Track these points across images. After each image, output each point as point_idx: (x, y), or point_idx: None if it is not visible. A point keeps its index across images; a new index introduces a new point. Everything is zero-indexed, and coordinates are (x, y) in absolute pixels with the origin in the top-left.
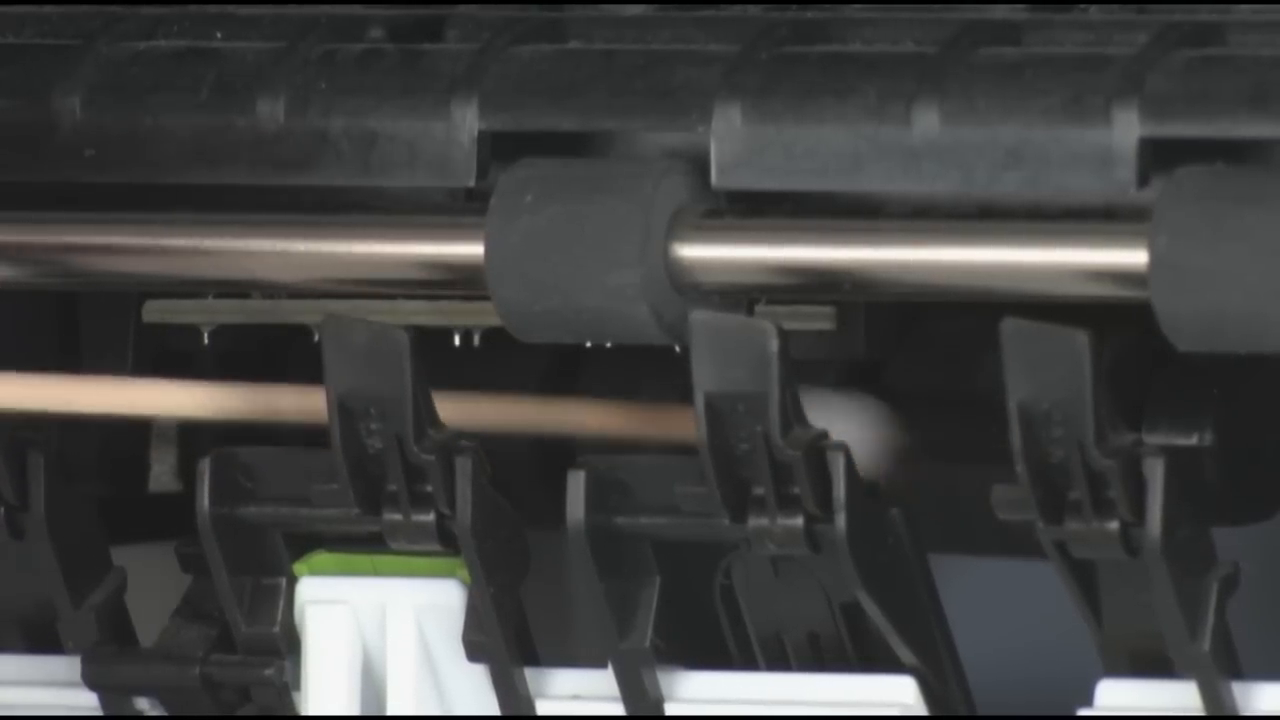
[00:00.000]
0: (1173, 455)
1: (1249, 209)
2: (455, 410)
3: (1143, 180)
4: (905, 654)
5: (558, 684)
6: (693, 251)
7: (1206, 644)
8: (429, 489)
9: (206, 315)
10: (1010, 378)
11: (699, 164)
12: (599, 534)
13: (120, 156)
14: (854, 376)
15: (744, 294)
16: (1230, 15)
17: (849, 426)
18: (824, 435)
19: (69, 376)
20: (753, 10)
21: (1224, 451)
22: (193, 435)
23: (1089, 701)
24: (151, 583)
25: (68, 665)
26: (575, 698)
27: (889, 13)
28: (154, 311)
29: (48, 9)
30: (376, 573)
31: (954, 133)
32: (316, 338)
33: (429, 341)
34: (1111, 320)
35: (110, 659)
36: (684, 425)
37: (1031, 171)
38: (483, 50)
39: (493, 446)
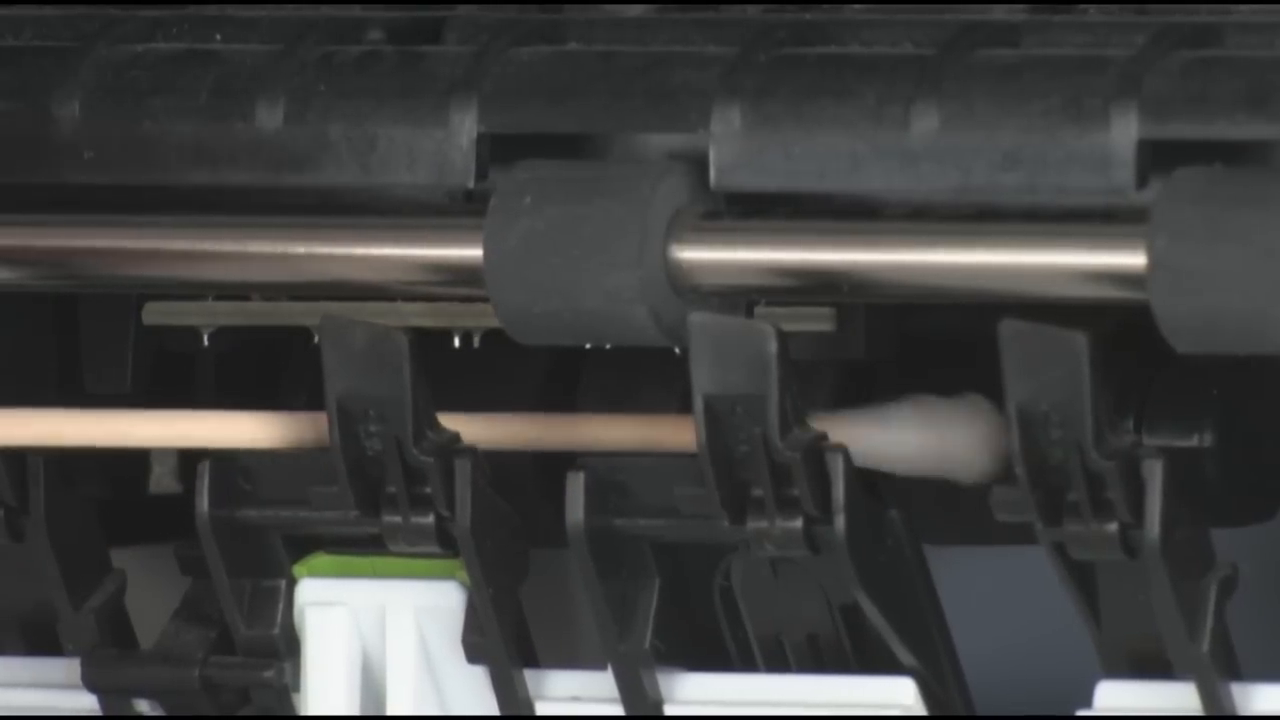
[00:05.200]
0: (1172, 456)
1: (1247, 210)
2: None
3: (1141, 182)
4: (904, 655)
5: (557, 685)
6: (691, 253)
7: (1205, 645)
8: (428, 491)
9: (206, 317)
10: (1009, 379)
11: (698, 166)
12: (598, 536)
13: (120, 159)
14: (853, 378)
15: (743, 296)
16: (1228, 17)
17: None
18: (823, 437)
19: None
20: (752, 12)
21: (1223, 453)
22: None
23: (1088, 702)
24: (151, 585)
25: (67, 667)
26: (574, 699)
27: (888, 14)
28: (154, 313)
29: (47, 11)
30: (376, 574)
31: (952, 134)
32: (316, 340)
33: (428, 343)
34: (1110, 322)
35: (110, 661)
36: (685, 434)
37: (1030, 173)
38: (481, 52)
39: (493, 449)
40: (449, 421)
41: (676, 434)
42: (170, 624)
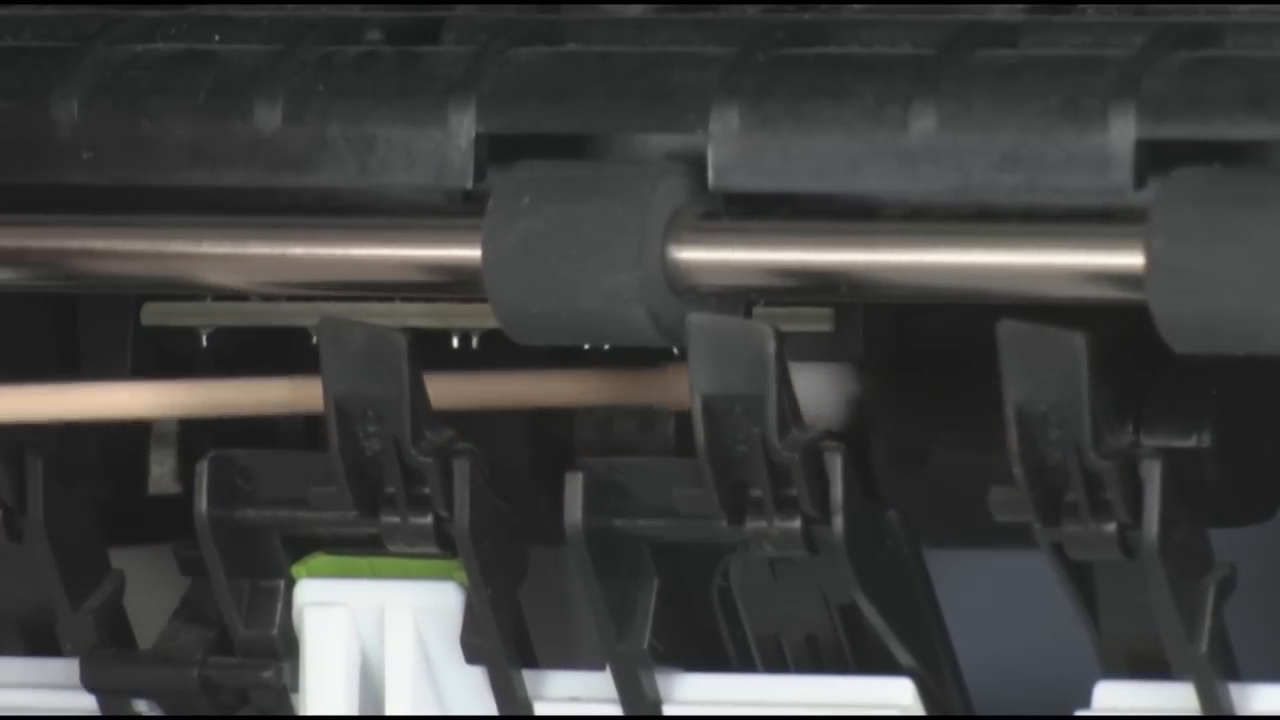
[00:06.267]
0: (1170, 457)
1: (1246, 210)
2: (446, 391)
3: (1139, 182)
4: (903, 655)
5: (556, 686)
6: (690, 254)
7: (1204, 645)
8: (427, 491)
9: (205, 318)
10: (1007, 379)
11: (696, 166)
12: (597, 536)
13: (118, 159)
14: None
15: (742, 296)
16: (1227, 17)
17: None
18: (821, 437)
19: (65, 385)
20: (750, 12)
21: (1221, 453)
22: (192, 437)
23: (1087, 702)
24: (150, 585)
25: (66, 668)
26: (573, 699)
27: (886, 15)
28: (152, 314)
29: (46, 11)
30: (374, 575)
31: (951, 135)
32: (314, 340)
33: (427, 344)
34: (1109, 322)
35: (109, 661)
36: (674, 387)
37: (1028, 173)
38: (480, 53)
39: (491, 449)
40: (435, 384)
41: (661, 387)
42: (169, 624)
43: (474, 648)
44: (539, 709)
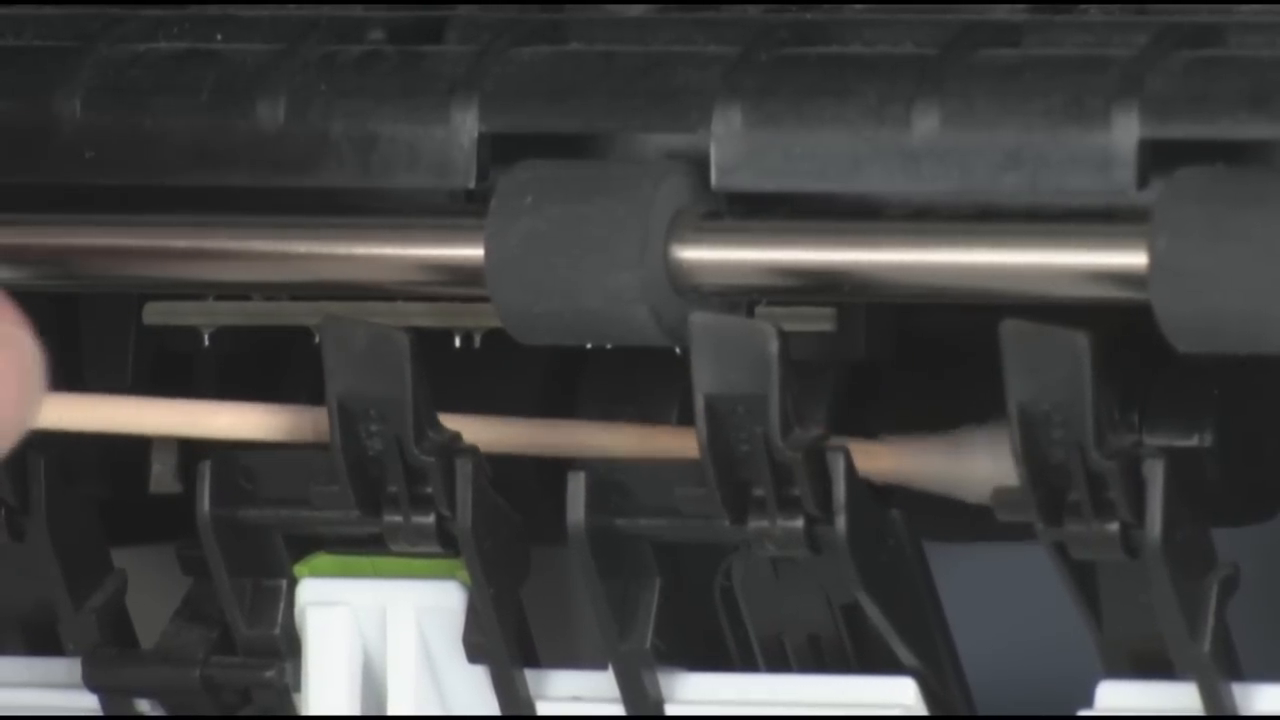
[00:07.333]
0: (1173, 456)
1: (1249, 210)
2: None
3: (1142, 181)
4: (905, 655)
5: (558, 685)
6: (693, 253)
7: (1206, 645)
8: (429, 490)
9: (207, 317)
10: (1010, 379)
11: (699, 165)
12: (599, 536)
13: (121, 158)
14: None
15: (744, 295)
16: (1230, 16)
17: None
18: (824, 436)
19: (138, 398)
20: (752, 12)
21: (1224, 452)
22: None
23: (1089, 702)
24: (152, 584)
25: (68, 667)
26: (575, 699)
27: (889, 14)
28: (155, 313)
29: (48, 11)
30: (377, 574)
31: (954, 134)
32: (317, 339)
33: (429, 343)
34: (1111, 321)
35: (111, 661)
36: (685, 443)
37: (1031, 173)
38: (483, 52)
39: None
40: (449, 424)
41: (678, 442)
42: (171, 624)
43: (476, 647)
44: (541, 708)
